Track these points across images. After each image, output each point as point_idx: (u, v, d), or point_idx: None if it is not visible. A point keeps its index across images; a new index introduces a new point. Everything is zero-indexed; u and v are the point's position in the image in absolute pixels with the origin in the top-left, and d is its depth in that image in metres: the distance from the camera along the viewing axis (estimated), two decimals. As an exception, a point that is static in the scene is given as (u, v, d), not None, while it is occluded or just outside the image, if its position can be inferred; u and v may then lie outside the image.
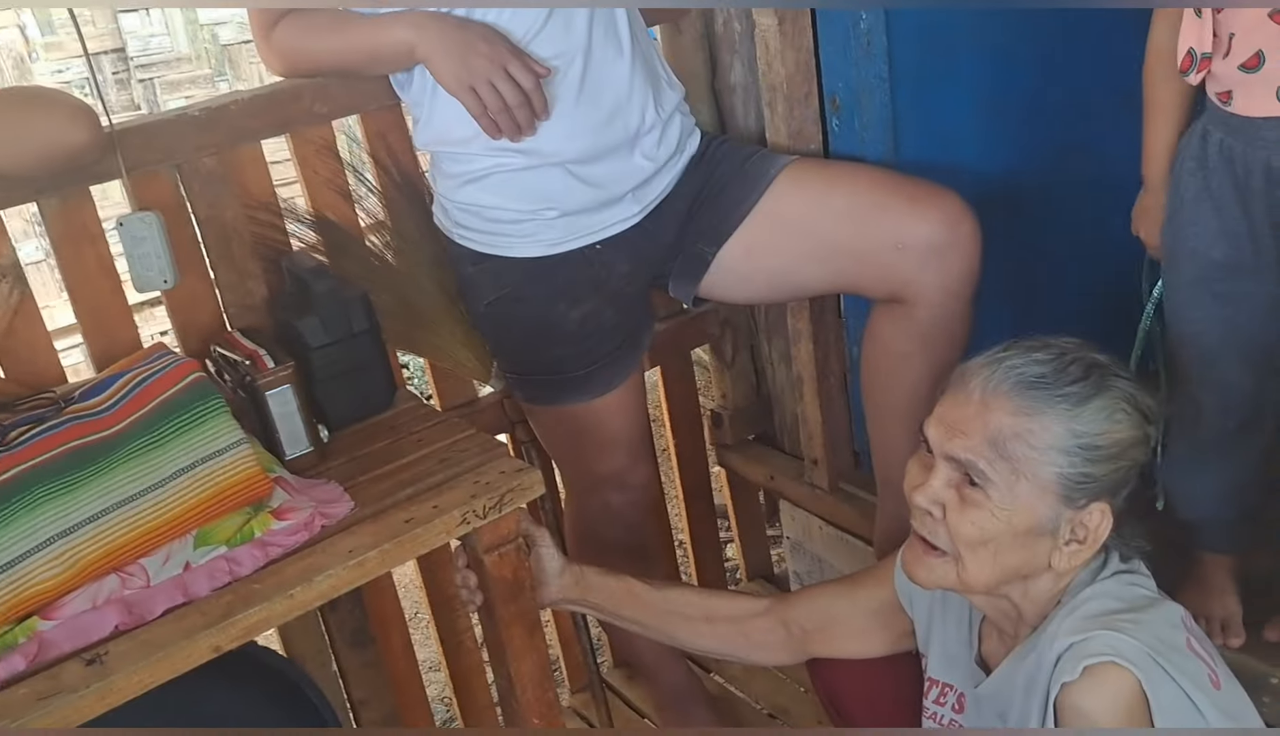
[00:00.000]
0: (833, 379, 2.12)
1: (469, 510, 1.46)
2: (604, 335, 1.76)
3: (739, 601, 1.67)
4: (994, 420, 1.26)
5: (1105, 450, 1.26)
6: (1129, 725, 1.19)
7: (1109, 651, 1.20)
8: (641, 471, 1.94)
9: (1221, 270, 1.54)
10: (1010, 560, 1.29)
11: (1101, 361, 1.29)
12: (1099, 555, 1.33)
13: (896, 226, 1.64)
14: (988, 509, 1.26)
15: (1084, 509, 1.27)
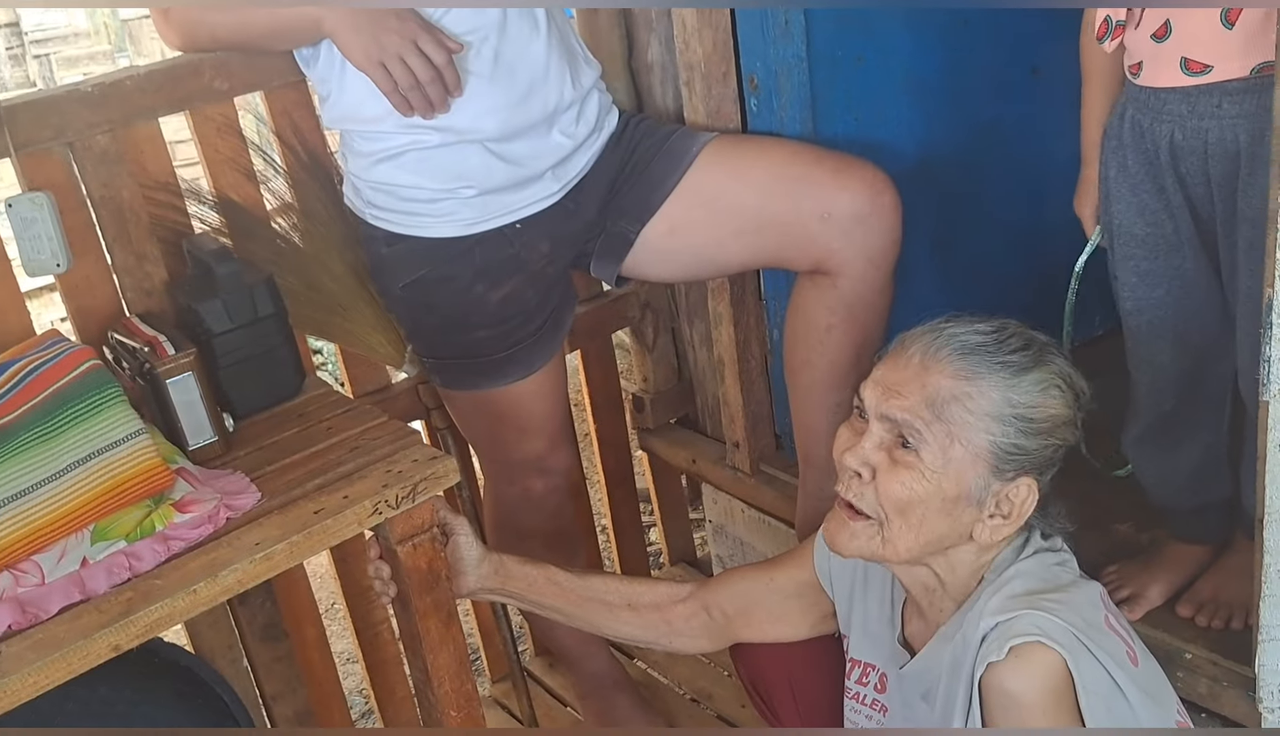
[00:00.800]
0: (753, 361, 2.10)
1: (381, 500, 1.42)
2: (525, 317, 1.72)
3: (661, 588, 1.66)
4: (933, 382, 1.26)
5: (1038, 424, 1.27)
6: (1054, 705, 1.20)
7: (1035, 631, 1.20)
8: (562, 456, 1.91)
9: (1144, 248, 1.55)
10: (935, 527, 1.28)
11: (1040, 338, 1.31)
12: (1021, 533, 1.34)
13: (820, 197, 1.64)
14: (919, 470, 1.26)
15: (1011, 481, 1.27)
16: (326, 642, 2.08)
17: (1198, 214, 1.51)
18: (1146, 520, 1.83)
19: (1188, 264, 1.55)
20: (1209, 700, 1.56)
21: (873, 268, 1.67)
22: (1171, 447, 1.67)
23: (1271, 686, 1.44)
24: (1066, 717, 1.20)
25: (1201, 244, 1.53)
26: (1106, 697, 1.23)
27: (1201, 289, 1.56)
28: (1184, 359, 1.60)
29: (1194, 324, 1.57)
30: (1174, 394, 1.62)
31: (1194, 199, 1.50)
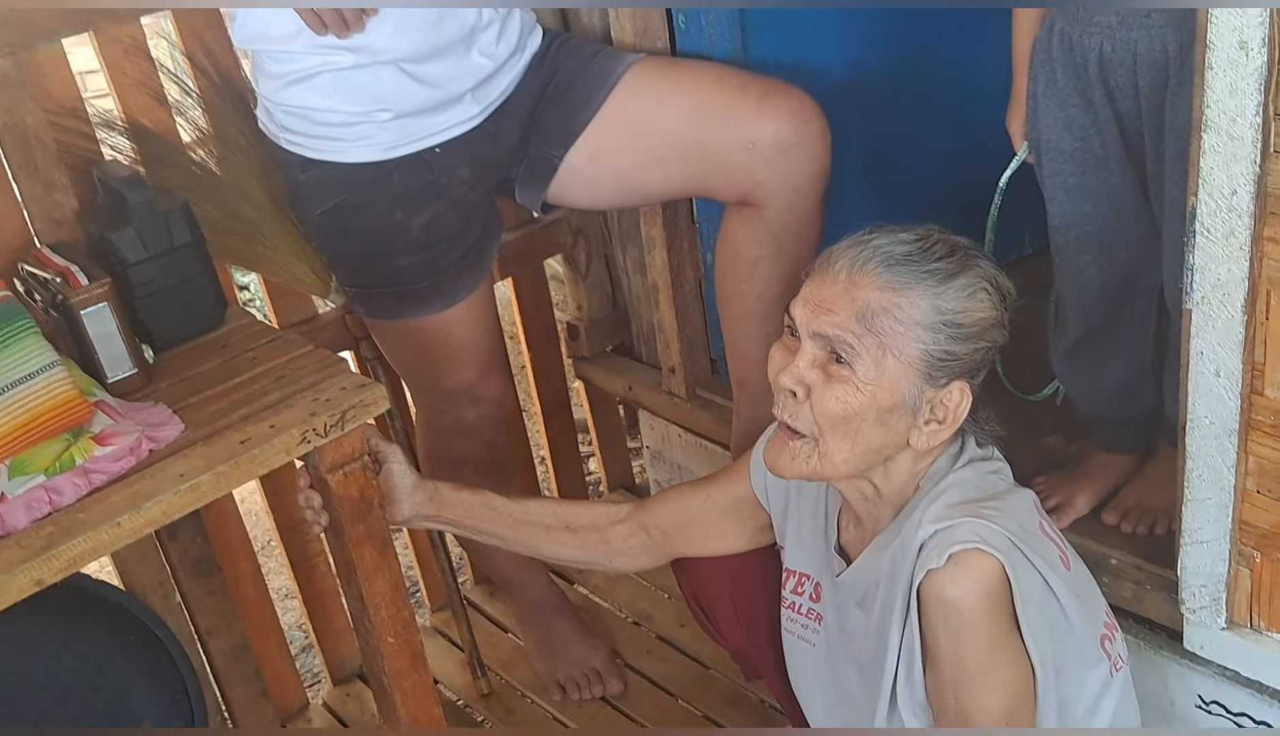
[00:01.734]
0: (688, 286, 2.09)
1: (309, 428, 1.40)
2: (448, 244, 1.69)
3: (599, 508, 1.65)
4: (861, 296, 1.26)
5: (967, 328, 1.27)
6: (991, 609, 1.22)
7: (974, 538, 1.22)
8: (494, 385, 1.89)
9: (1072, 163, 1.56)
10: (871, 439, 1.29)
11: (964, 243, 1.31)
12: (956, 441, 1.35)
13: (745, 126, 1.61)
14: (853, 383, 1.26)
15: (944, 387, 1.28)
16: (261, 576, 2.06)
17: (1125, 128, 1.52)
18: (1073, 432, 1.86)
19: (1115, 179, 1.55)
20: (1133, 603, 1.59)
21: (799, 198, 1.65)
22: (1099, 362, 1.69)
23: (1194, 587, 1.48)
24: (1003, 620, 1.22)
25: (1129, 159, 1.54)
26: (1040, 601, 1.25)
27: (1129, 204, 1.57)
28: (1111, 274, 1.61)
29: (1121, 239, 1.59)
30: (1102, 309, 1.64)
31: (1122, 113, 1.51)
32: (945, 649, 1.23)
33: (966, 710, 1.25)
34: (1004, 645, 1.23)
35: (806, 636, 1.51)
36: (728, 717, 1.99)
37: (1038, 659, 1.24)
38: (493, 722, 2.08)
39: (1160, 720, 1.60)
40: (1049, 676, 1.26)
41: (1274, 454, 1.34)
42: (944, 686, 1.26)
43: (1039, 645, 1.24)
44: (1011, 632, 1.23)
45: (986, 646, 1.22)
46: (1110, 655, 1.36)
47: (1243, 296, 1.28)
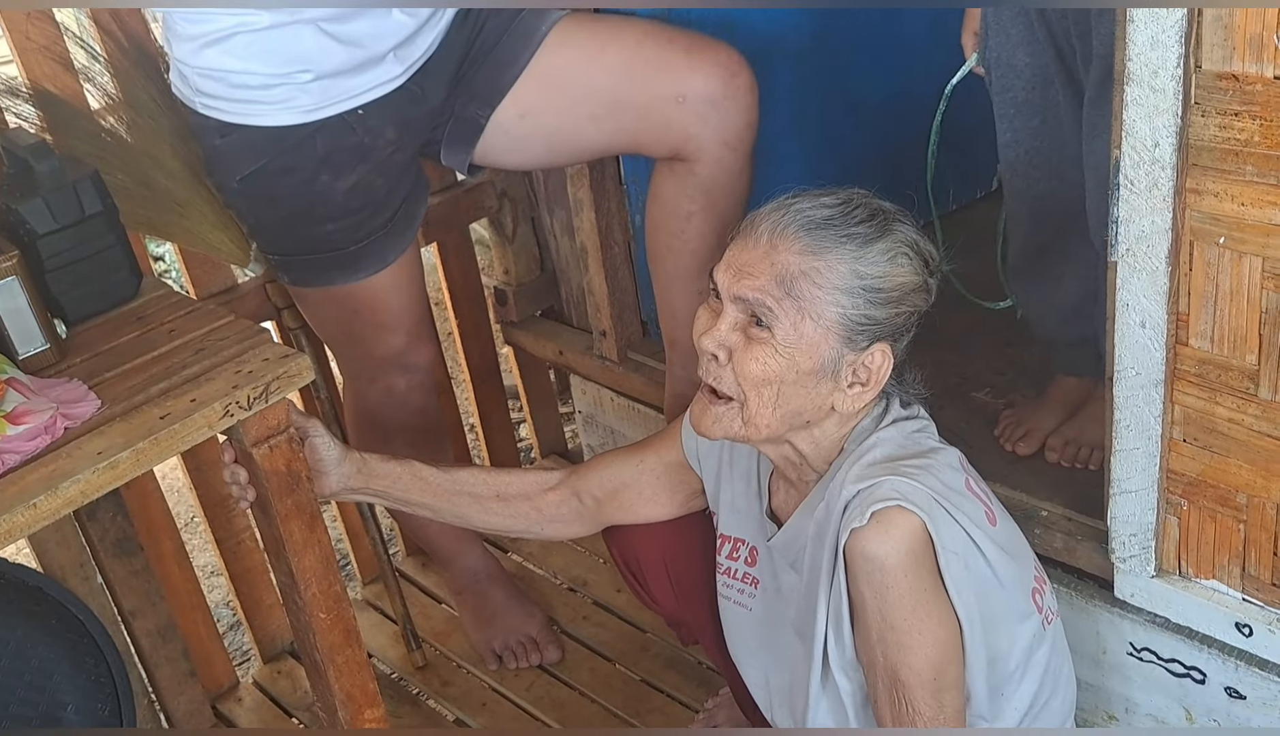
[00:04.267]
0: (616, 248, 2.07)
1: (231, 401, 1.36)
2: (374, 208, 1.65)
3: (530, 476, 1.64)
4: (781, 260, 1.26)
5: (887, 293, 1.27)
6: (914, 565, 1.23)
7: (895, 496, 1.22)
8: (424, 351, 1.85)
9: (1024, 79, 1.57)
10: (794, 401, 1.29)
11: (886, 208, 1.31)
12: (880, 402, 1.35)
13: (674, 80, 1.60)
14: (773, 346, 1.26)
15: (865, 350, 1.28)
16: (186, 554, 2.02)
17: (1061, 48, 1.53)
18: (1002, 386, 1.89)
19: (1059, 97, 1.57)
20: (1064, 554, 1.62)
21: (730, 151, 1.64)
22: (1053, 283, 1.71)
23: (1123, 536, 1.50)
24: (926, 577, 1.23)
25: (1069, 78, 1.55)
26: (964, 556, 1.26)
27: (1072, 122, 1.58)
28: (1060, 189, 1.63)
29: (1068, 155, 1.60)
30: (1053, 225, 1.65)
31: (1055, 33, 1.52)
32: (871, 606, 1.25)
33: (894, 666, 1.26)
34: (929, 601, 1.24)
35: (743, 601, 1.51)
36: (666, 680, 1.99)
37: (964, 614, 1.26)
38: (428, 695, 2.06)
39: (1093, 668, 1.63)
40: (976, 631, 1.27)
41: (1199, 403, 1.36)
42: (872, 643, 1.27)
43: (964, 600, 1.25)
44: (936, 589, 1.24)
45: (911, 603, 1.23)
46: (1041, 608, 1.38)
47: (1166, 248, 1.29)
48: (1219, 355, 1.32)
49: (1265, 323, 1.27)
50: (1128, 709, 1.64)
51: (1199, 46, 1.18)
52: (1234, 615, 1.45)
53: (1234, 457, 1.36)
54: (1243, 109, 1.18)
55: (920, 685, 1.26)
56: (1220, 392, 1.34)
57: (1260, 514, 1.37)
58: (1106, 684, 1.64)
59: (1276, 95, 1.15)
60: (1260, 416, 1.32)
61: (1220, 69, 1.18)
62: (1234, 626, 1.45)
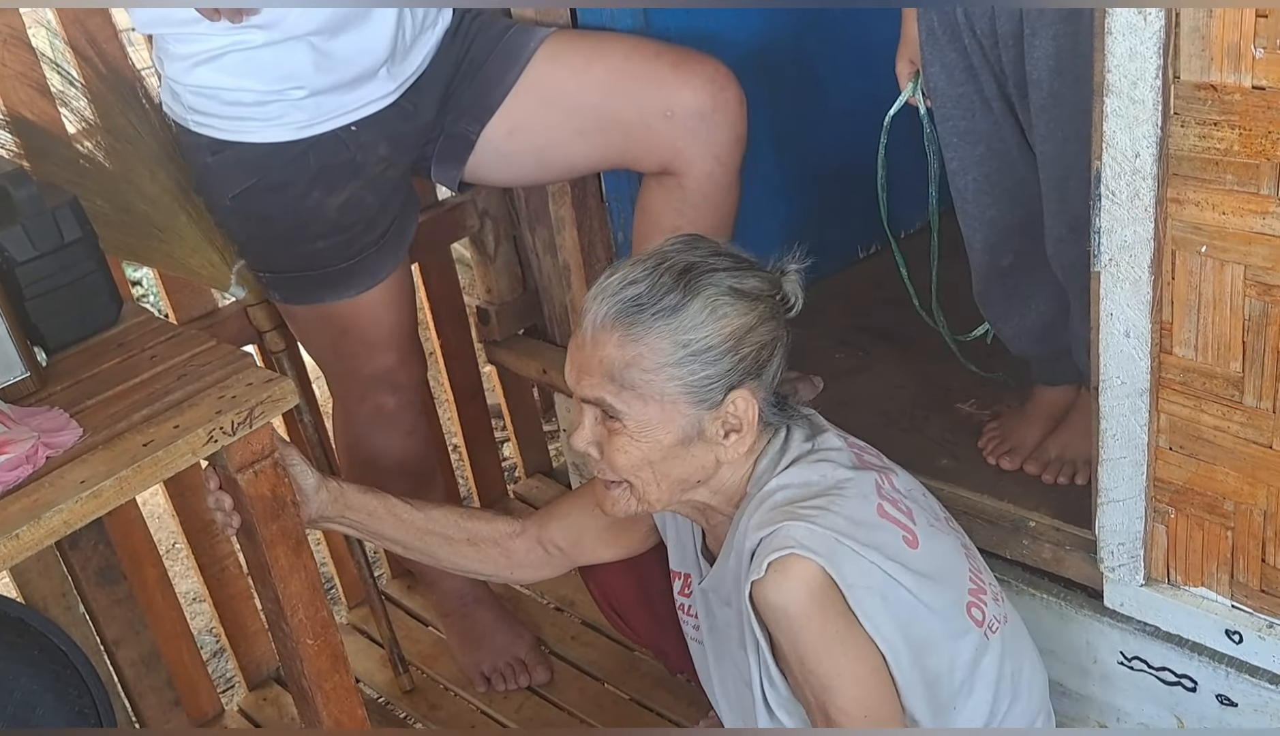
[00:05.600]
0: (599, 266, 2.07)
1: (215, 427, 1.35)
2: (366, 224, 1.64)
3: (498, 523, 1.63)
4: (605, 355, 1.26)
5: (719, 347, 1.26)
6: (819, 609, 1.23)
7: (791, 544, 1.23)
8: (414, 370, 1.85)
9: (959, 108, 1.58)
10: (676, 472, 1.30)
11: (693, 261, 1.28)
12: (776, 436, 1.34)
13: (662, 94, 1.61)
14: (628, 435, 1.27)
15: (721, 404, 1.27)
16: (169, 582, 2.00)
17: (997, 73, 1.54)
18: (988, 397, 1.89)
19: (1000, 122, 1.57)
20: (1053, 564, 1.62)
21: (719, 165, 1.65)
22: (1021, 304, 1.71)
23: (1112, 546, 1.50)
24: (835, 618, 1.24)
25: (1006, 105, 1.56)
26: (878, 588, 1.26)
27: (1015, 144, 1.59)
28: (1012, 214, 1.63)
29: (1016, 179, 1.61)
30: (1011, 248, 1.66)
31: (991, 60, 1.53)
32: (788, 652, 1.26)
33: (824, 705, 1.27)
34: (842, 640, 1.24)
35: (697, 635, 1.52)
36: (656, 700, 1.98)
37: (885, 645, 1.25)
38: (416, 719, 2.05)
39: (1083, 679, 1.63)
40: (902, 659, 1.27)
41: (1184, 411, 1.37)
42: (800, 685, 1.28)
43: (883, 633, 1.25)
44: (850, 626, 1.24)
45: (824, 645, 1.24)
46: (983, 620, 1.36)
47: (1149, 257, 1.30)
48: (1203, 363, 1.33)
49: (1248, 330, 1.27)
50: (1119, 718, 1.64)
51: (1177, 57, 1.19)
52: (1224, 622, 1.45)
53: (1220, 465, 1.37)
54: (1222, 118, 1.19)
55: (853, 720, 1.26)
56: (1205, 400, 1.35)
57: (1247, 520, 1.37)
58: (1097, 694, 1.64)
59: (1255, 104, 1.16)
60: (1245, 423, 1.32)
61: (1199, 79, 1.18)
62: (1224, 633, 1.46)
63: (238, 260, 1.71)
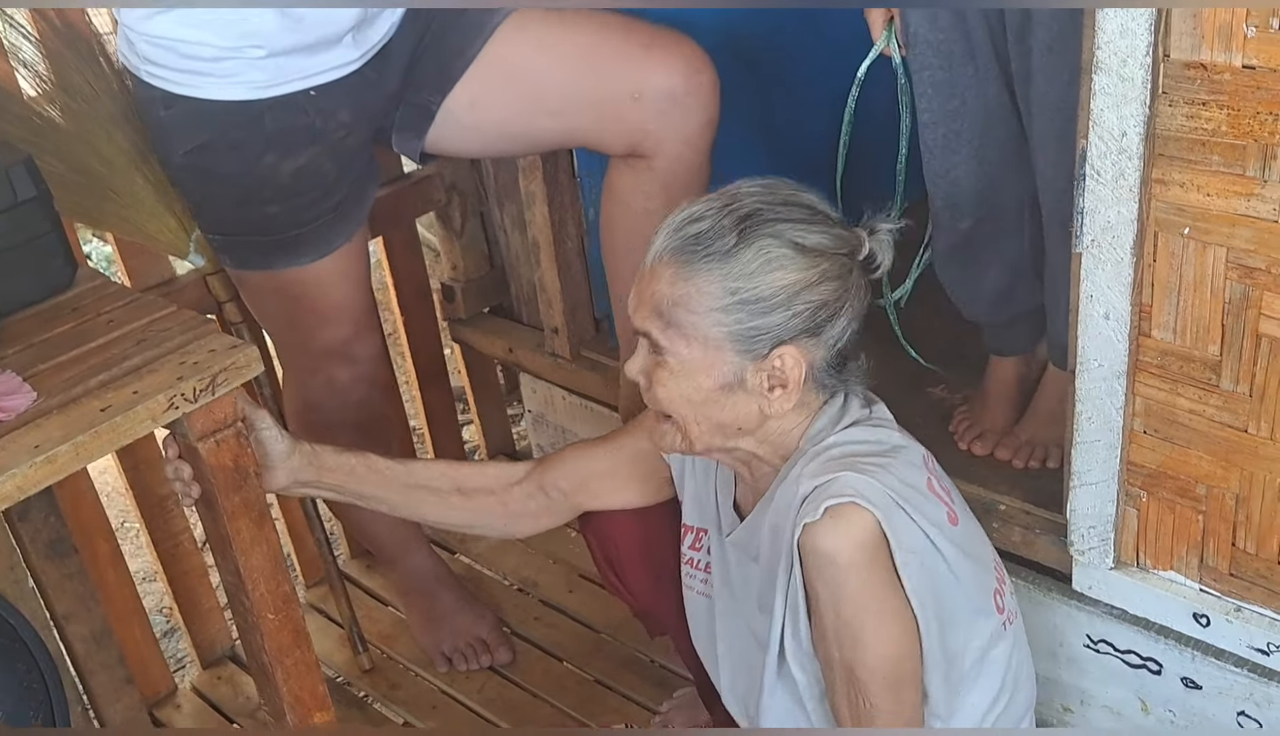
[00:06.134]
0: (570, 243, 2.04)
1: (177, 393, 1.30)
2: (323, 191, 1.60)
3: (492, 469, 1.60)
4: (658, 291, 1.26)
5: (769, 300, 1.23)
6: (868, 563, 1.21)
7: (850, 492, 1.21)
8: (368, 343, 1.81)
9: (939, 57, 1.54)
10: (716, 416, 1.28)
11: (758, 208, 1.25)
12: (837, 398, 1.33)
13: (633, 75, 1.57)
14: (669, 370, 1.27)
15: (767, 357, 1.25)
16: (121, 556, 1.95)
17: (989, 21, 1.51)
18: (959, 382, 1.88)
19: (982, 74, 1.55)
20: (1023, 548, 1.62)
21: (690, 149, 1.62)
22: (979, 270, 1.70)
23: (1082, 529, 1.50)
24: (881, 574, 1.22)
25: (994, 53, 1.53)
26: (921, 555, 1.25)
27: (995, 101, 1.56)
28: (980, 177, 1.61)
29: (990, 138, 1.58)
30: (972, 212, 1.64)
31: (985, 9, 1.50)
32: (825, 601, 1.23)
33: (850, 662, 1.25)
34: (883, 598, 1.22)
35: (705, 591, 1.50)
36: (621, 681, 1.96)
37: (920, 613, 1.24)
38: (375, 699, 2.01)
39: (1049, 661, 1.63)
40: (932, 630, 1.26)
41: (1160, 394, 1.37)
42: (828, 639, 1.26)
43: (921, 599, 1.24)
44: (892, 586, 1.23)
45: (865, 599, 1.22)
46: (1003, 608, 1.36)
47: (1132, 239, 1.29)
48: (1181, 346, 1.33)
49: (1228, 313, 1.27)
50: (1083, 700, 1.65)
51: (1168, 35, 1.18)
52: (1191, 605, 1.45)
53: (1194, 449, 1.37)
54: (1210, 98, 1.18)
55: (876, 681, 1.24)
56: (1182, 384, 1.34)
57: (1219, 504, 1.38)
58: (1062, 676, 1.64)
59: (1245, 85, 1.15)
60: (1221, 407, 1.32)
61: (1189, 58, 1.18)
62: (1191, 617, 1.46)
63: (196, 228, 1.66)
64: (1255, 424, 1.30)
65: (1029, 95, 1.50)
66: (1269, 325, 1.25)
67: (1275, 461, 1.30)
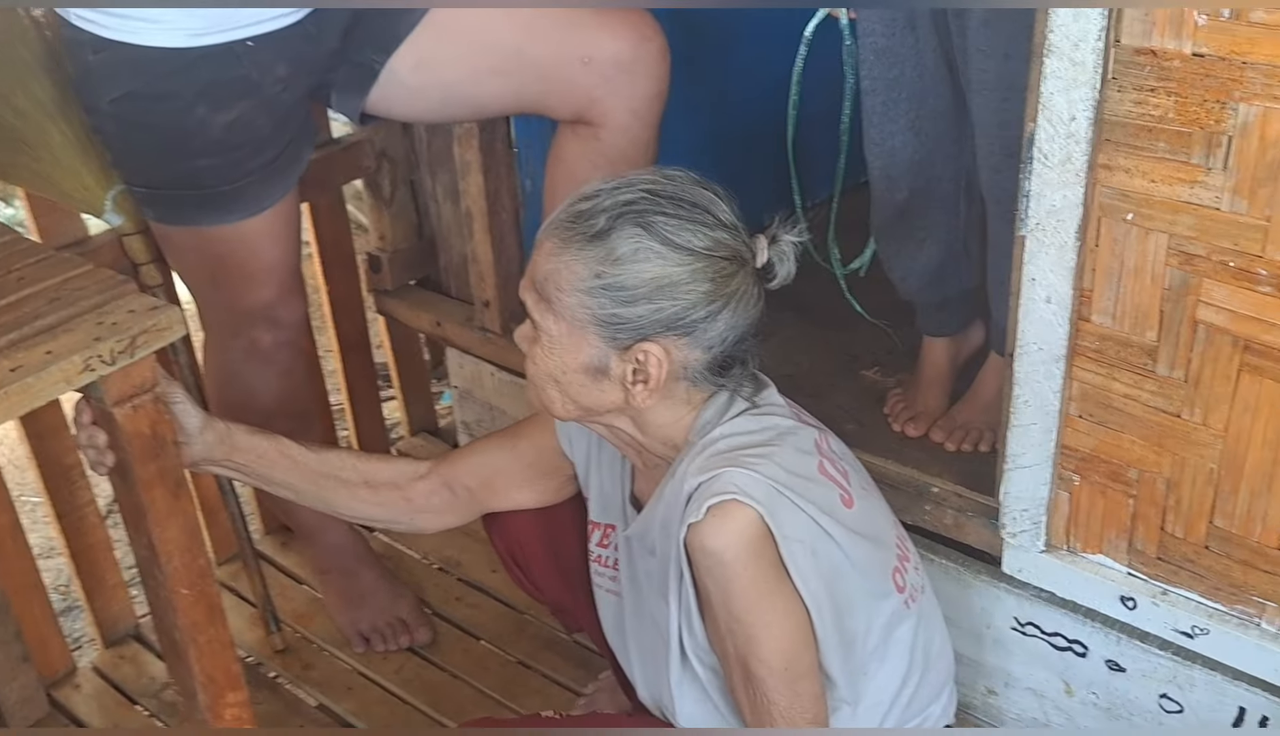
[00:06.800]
0: (504, 214, 1.99)
1: (93, 355, 1.23)
2: (256, 147, 1.54)
3: (399, 465, 1.56)
4: (538, 263, 1.26)
5: (632, 290, 1.21)
6: (753, 557, 1.20)
7: (731, 489, 1.20)
8: (294, 308, 1.74)
9: (882, 23, 1.56)
10: (584, 399, 1.27)
11: (641, 196, 1.23)
12: (723, 393, 1.31)
13: (582, 38, 1.54)
14: (541, 345, 1.26)
15: (630, 349, 1.23)
16: (20, 529, 1.86)
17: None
18: (893, 365, 1.89)
19: (922, 45, 1.56)
20: (954, 530, 1.62)
21: (636, 120, 1.59)
22: (915, 246, 1.71)
23: (1015, 512, 1.51)
24: (768, 568, 1.21)
25: (934, 26, 1.54)
26: (810, 542, 1.24)
27: (933, 73, 1.58)
28: (916, 148, 1.62)
29: (926, 109, 1.60)
30: (907, 185, 1.65)
31: None
32: (715, 599, 1.23)
33: (744, 658, 1.24)
34: (772, 592, 1.22)
35: (614, 588, 1.48)
36: (544, 661, 1.93)
37: (811, 601, 1.24)
38: (288, 680, 1.95)
39: (975, 644, 1.64)
40: (826, 617, 1.25)
41: (1096, 378, 1.38)
42: (722, 635, 1.25)
43: (811, 588, 1.23)
44: (780, 579, 1.22)
45: (754, 595, 1.21)
46: (904, 587, 1.36)
47: (1077, 223, 1.30)
48: (1119, 331, 1.34)
49: (1167, 300, 1.29)
50: (1007, 683, 1.66)
51: (1120, 20, 1.18)
52: (1119, 588, 1.47)
53: (1128, 433, 1.38)
54: (1159, 85, 1.19)
55: (772, 675, 1.24)
56: (1118, 368, 1.36)
57: (1150, 488, 1.39)
58: (988, 658, 1.66)
59: (1193, 72, 1.16)
60: (1156, 392, 1.34)
61: (1139, 44, 1.18)
62: (1119, 600, 1.48)
63: (115, 185, 1.59)
64: (1189, 409, 1.32)
65: (968, 71, 1.51)
66: (1207, 312, 1.26)
67: (1207, 446, 1.32)
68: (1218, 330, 1.26)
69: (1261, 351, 1.24)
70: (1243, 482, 1.32)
